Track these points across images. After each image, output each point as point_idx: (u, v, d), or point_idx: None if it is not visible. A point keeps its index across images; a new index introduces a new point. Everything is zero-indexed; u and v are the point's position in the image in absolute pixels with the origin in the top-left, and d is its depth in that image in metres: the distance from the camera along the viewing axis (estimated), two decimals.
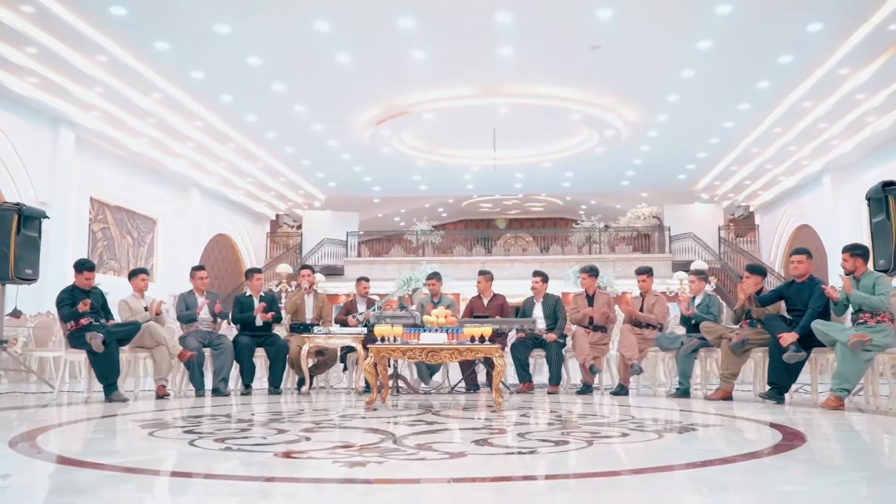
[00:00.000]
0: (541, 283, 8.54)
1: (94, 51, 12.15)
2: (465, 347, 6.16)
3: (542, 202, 29.24)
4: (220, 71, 13.38)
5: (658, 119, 16.26)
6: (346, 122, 16.41)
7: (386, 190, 23.98)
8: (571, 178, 22.16)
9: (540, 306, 8.49)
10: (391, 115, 15.85)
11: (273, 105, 15.18)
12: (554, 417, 5.50)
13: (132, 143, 16.11)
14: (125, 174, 16.99)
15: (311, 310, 8.51)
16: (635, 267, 8.91)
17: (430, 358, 6.15)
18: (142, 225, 18.03)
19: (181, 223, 19.49)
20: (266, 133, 17.19)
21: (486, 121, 16.30)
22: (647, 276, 8.17)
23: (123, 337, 7.10)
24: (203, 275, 8.19)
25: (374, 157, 19.26)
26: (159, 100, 14.41)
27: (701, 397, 7.21)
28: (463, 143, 18.70)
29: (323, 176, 21.74)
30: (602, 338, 8.18)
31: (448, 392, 8.12)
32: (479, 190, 24.54)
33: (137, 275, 7.83)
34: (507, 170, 20.69)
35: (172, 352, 7.40)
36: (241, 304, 8.28)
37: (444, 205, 29.18)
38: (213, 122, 15.98)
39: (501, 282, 8.65)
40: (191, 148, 17.38)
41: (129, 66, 12.80)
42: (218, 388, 7.61)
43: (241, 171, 19.93)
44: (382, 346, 6.23)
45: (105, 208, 16.46)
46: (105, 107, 14.17)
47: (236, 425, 4.95)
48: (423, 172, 21.21)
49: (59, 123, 14.16)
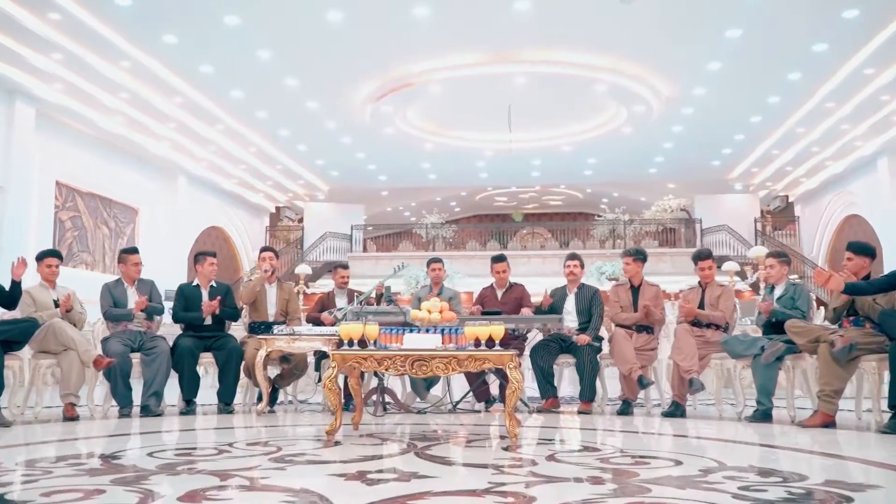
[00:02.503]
0: (578, 268, 6.70)
1: (44, 7, 10.45)
2: (465, 354, 4.33)
3: (561, 195, 27.34)
4: (194, 35, 11.63)
5: (694, 93, 14.34)
6: (343, 97, 14.63)
7: (393, 179, 22.21)
8: (594, 165, 20.25)
9: (573, 299, 6.65)
10: (393, 89, 14.03)
11: (260, 77, 13.41)
12: (596, 461, 3.66)
13: (104, 121, 14.39)
14: (99, 157, 15.27)
15: (274, 303, 6.69)
16: (662, 263, 6.98)
17: (416, 369, 4.32)
18: (120, 214, 16.32)
19: (167, 213, 17.76)
20: (256, 112, 15.44)
21: (500, 94, 14.43)
22: (710, 261, 6.31)
23: (13, 338, 5.33)
24: (137, 260, 6.41)
25: (377, 141, 17.46)
26: (128, 69, 12.66)
27: (788, 422, 5.34)
28: (475, 122, 16.81)
29: (323, 164, 19.98)
30: (648, 341, 6.32)
31: (450, 411, 6.30)
32: (494, 179, 22.68)
33: (44, 258, 6.07)
34: (524, 155, 18.81)
35: (84, 358, 5.63)
36: (186, 296, 6.49)
37: (457, 198, 27.36)
38: (193, 98, 14.23)
39: (518, 279, 6.99)
40: (173, 129, 15.64)
41: (88, 27, 11.06)
42: (147, 406, 5.83)
43: (233, 157, 18.19)
44: (349, 352, 4.41)
45: (75, 194, 14.76)
46: (67, 77, 12.44)
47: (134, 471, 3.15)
48: (431, 158, 19.37)
49: (14, 96, 12.45)
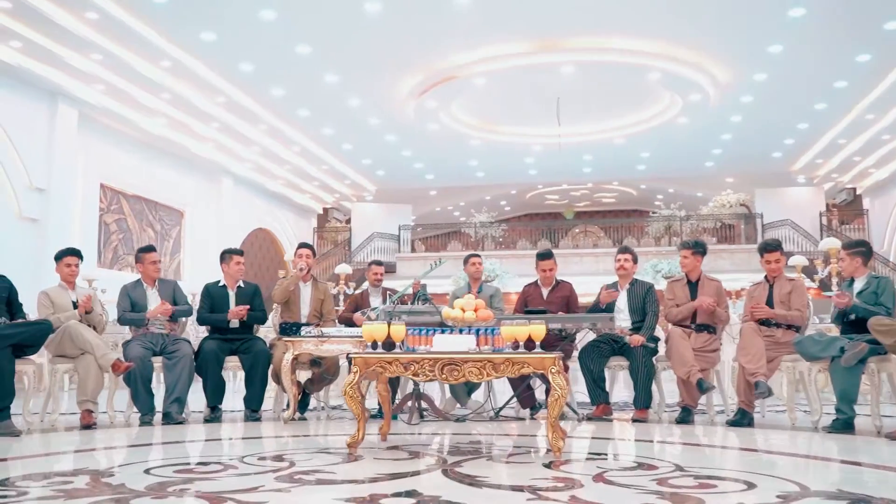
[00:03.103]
0: (631, 262, 6.15)
1: (81, 6, 10.32)
2: (501, 358, 3.85)
3: (614, 192, 26.53)
4: (231, 31, 11.38)
5: (754, 79, 13.54)
6: (385, 93, 14.25)
7: (440, 179, 21.79)
8: (647, 159, 19.50)
9: (625, 296, 6.10)
10: (435, 83, 13.59)
11: (300, 74, 13.12)
12: (652, 482, 3.13)
13: (147, 122, 14.29)
14: (143, 159, 15.19)
15: (308, 303, 6.30)
16: (721, 260, 6.35)
17: (447, 374, 3.86)
18: (166, 217, 16.25)
19: (212, 215, 17.64)
20: (298, 111, 15.18)
21: (547, 85, 13.87)
22: (777, 253, 5.69)
23: (25, 342, 5.03)
24: (154, 258, 6.08)
25: (422, 138, 17.06)
26: (169, 69, 12.49)
27: (873, 433, 4.71)
28: (522, 116, 16.25)
29: (369, 163, 19.67)
30: (709, 341, 5.73)
31: (492, 418, 5.82)
32: (544, 176, 22.06)
33: (63, 257, 5.79)
34: (574, 150, 18.19)
35: (102, 362, 5.32)
36: (212, 296, 6.14)
37: (507, 197, 26.78)
38: (235, 97, 14.02)
39: (570, 279, 6.47)
40: (216, 129, 15.49)
41: (126, 26, 10.90)
42: (169, 413, 5.49)
43: (278, 158, 17.99)
44: (372, 355, 3.97)
45: (120, 197, 14.70)
46: (107, 77, 12.33)
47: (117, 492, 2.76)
48: (478, 155, 18.89)
49: (56, 98, 12.39)
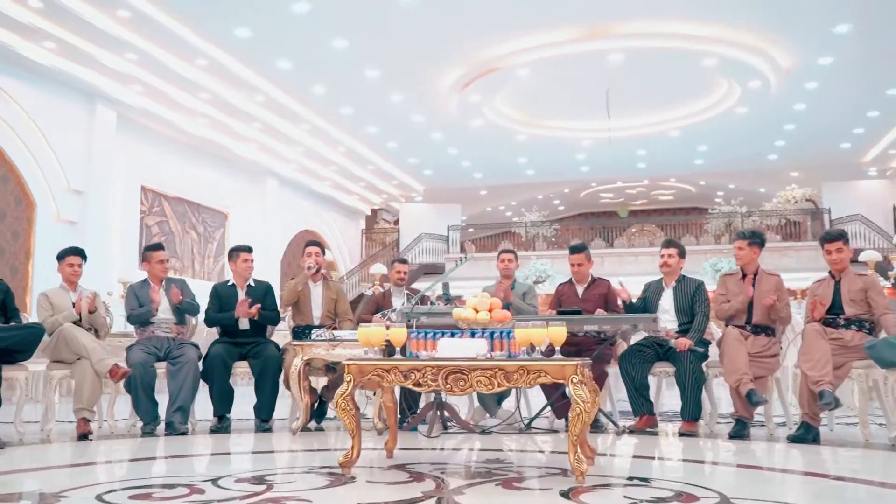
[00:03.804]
0: (675, 257, 5.52)
1: (113, 4, 10.14)
2: (515, 365, 3.30)
3: (672, 189, 25.54)
4: (265, 26, 11.07)
5: (819, 63, 12.63)
6: (427, 87, 13.79)
7: (489, 177, 21.25)
8: (705, 152, 18.60)
9: (670, 294, 5.48)
10: (477, 75, 13.08)
11: (339, 70, 12.76)
12: None
13: (187, 123, 14.15)
14: (185, 161, 15.07)
15: (320, 305, 5.84)
16: (787, 258, 5.65)
17: (452, 384, 3.34)
18: (209, 219, 16.11)
19: (257, 217, 17.45)
20: (340, 109, 14.86)
21: (595, 75, 13.21)
22: (840, 243, 4.99)
23: (14, 347, 4.69)
24: (161, 257, 5.70)
25: (467, 134, 16.56)
26: (205, 67, 12.29)
27: None
28: (569, 109, 15.57)
29: (416, 162, 19.27)
30: (767, 345, 5.07)
31: (522, 431, 5.26)
32: (596, 173, 21.29)
33: (65, 257, 5.45)
34: (627, 144, 17.42)
35: (98, 368, 4.96)
36: (220, 296, 5.74)
37: (560, 196, 26.05)
38: (275, 96, 13.77)
39: (625, 279, 5.88)
40: (258, 129, 15.28)
41: (158, 23, 10.70)
42: (172, 423, 5.10)
43: (322, 158, 17.73)
44: (368, 361, 3.48)
45: (162, 199, 14.59)
46: (144, 78, 12.18)
47: None
48: (526, 152, 18.28)
49: (94, 100, 12.29)
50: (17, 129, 11.06)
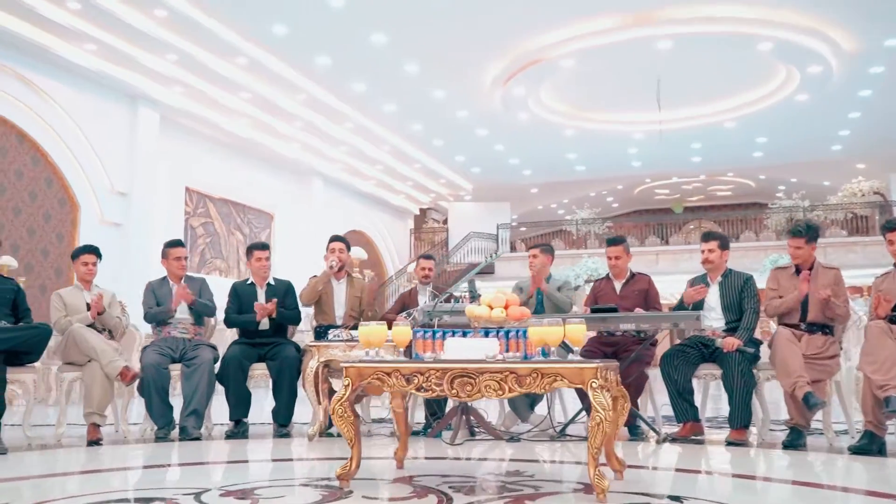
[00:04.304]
0: (717, 250, 5.07)
1: (149, 3, 10.09)
2: (527, 368, 2.95)
3: (730, 184, 24.63)
4: (302, 22, 10.89)
5: (885, 45, 11.86)
6: (469, 82, 13.45)
7: (539, 174, 20.77)
8: (764, 144, 17.79)
9: (716, 290, 5.02)
10: (521, 67, 12.67)
11: (379, 65, 12.51)
12: None
13: (230, 124, 14.09)
14: (229, 162, 15.03)
15: (343, 303, 5.56)
16: (853, 254, 5.15)
17: (458, 389, 3.00)
18: (255, 220, 16.07)
19: (303, 218, 17.33)
20: (383, 106, 14.64)
21: (643, 64, 12.65)
22: None
23: (19, 348, 4.53)
24: (179, 254, 5.51)
25: (513, 130, 16.15)
26: (245, 66, 12.18)
27: None
28: (618, 101, 14.99)
29: (463, 160, 18.94)
30: (825, 345, 4.59)
31: (554, 438, 4.88)
32: (649, 167, 20.62)
33: (79, 256, 5.29)
34: (680, 137, 16.76)
35: (108, 370, 4.77)
36: (240, 296, 5.51)
37: (614, 193, 25.38)
38: (315, 94, 13.61)
39: (682, 277, 5.45)
40: (301, 129, 15.16)
41: (195, 22, 10.63)
42: (185, 427, 4.88)
43: (368, 157, 17.53)
44: (367, 364, 3.16)
45: (206, 200, 14.58)
46: (185, 78, 12.13)
47: None
48: (575, 147, 17.77)
49: (136, 102, 12.31)
50: (60, 132, 11.10)
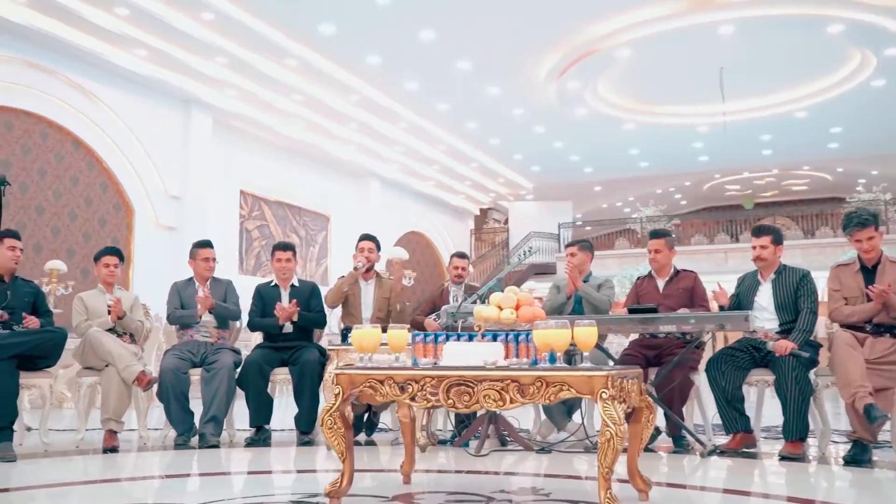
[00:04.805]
0: (770, 246, 4.60)
1: (196, 7, 10.10)
2: (531, 376, 2.62)
3: (805, 178, 23.47)
4: (349, 20, 10.74)
5: None
6: (523, 77, 13.08)
7: (601, 172, 20.22)
8: (840, 135, 16.83)
9: (768, 289, 4.57)
10: (576, 59, 12.24)
11: (429, 63, 12.28)
12: None
13: (283, 126, 14.09)
14: (284, 164, 15.05)
15: (371, 304, 5.32)
16: None
17: (454, 398, 2.70)
18: (311, 222, 16.06)
19: (360, 220, 17.20)
20: (436, 105, 14.42)
21: (705, 52, 12.02)
22: None
23: (33, 353, 4.44)
24: (208, 254, 5.34)
25: (570, 126, 15.71)
26: (295, 68, 12.13)
27: None
28: (679, 92, 14.33)
29: (521, 158, 18.58)
30: (893, 348, 4.10)
31: (588, 449, 4.52)
32: (717, 162, 19.80)
33: (101, 257, 5.18)
34: (748, 129, 15.96)
35: (125, 375, 4.64)
36: (263, 298, 5.33)
37: (681, 189, 24.55)
38: (368, 94, 13.48)
39: None
40: (355, 130, 15.07)
41: (243, 24, 10.59)
42: (204, 434, 4.71)
43: (424, 157, 17.35)
44: (359, 371, 2.89)
45: (262, 203, 14.62)
46: (236, 81, 12.15)
47: None
48: (637, 142, 17.18)
49: (189, 106, 12.39)
50: (114, 138, 11.25)
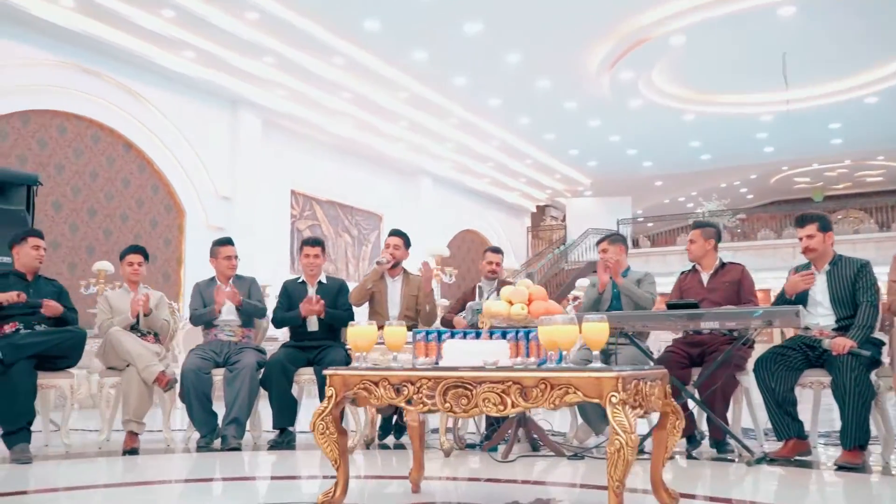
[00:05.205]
0: (818, 234, 4.21)
1: (239, 6, 10.10)
2: (534, 378, 2.36)
3: (881, 169, 22.30)
4: (395, 15, 10.59)
5: None
6: (574, 69, 12.71)
7: (661, 166, 19.63)
8: None
9: (823, 281, 4.18)
10: (628, 48, 11.81)
11: (478, 57, 12.03)
12: None
13: (333, 125, 14.03)
14: (335, 164, 14.99)
15: (397, 303, 5.11)
16: None
17: (452, 402, 2.46)
18: (363, 221, 15.98)
19: (413, 218, 17.03)
20: (487, 100, 14.16)
21: (765, 35, 11.42)
22: None
23: (51, 353, 4.37)
24: (230, 252, 5.21)
25: (626, 119, 15.24)
26: (342, 66, 12.05)
27: None
28: (739, 80, 13.63)
29: (577, 154, 18.16)
30: None
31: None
32: (783, 154, 18.97)
33: (125, 256, 5.10)
34: (815, 117, 15.20)
35: (145, 375, 4.54)
36: (290, 294, 5.17)
37: (747, 183, 23.63)
38: (417, 91, 13.32)
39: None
40: (405, 127, 14.93)
41: (287, 22, 10.55)
42: (225, 436, 4.58)
43: (477, 154, 17.11)
44: (353, 372, 2.67)
45: (313, 203, 14.60)
46: (284, 81, 12.14)
47: None
48: (698, 134, 16.57)
49: (238, 106, 12.43)
50: (164, 140, 11.35)
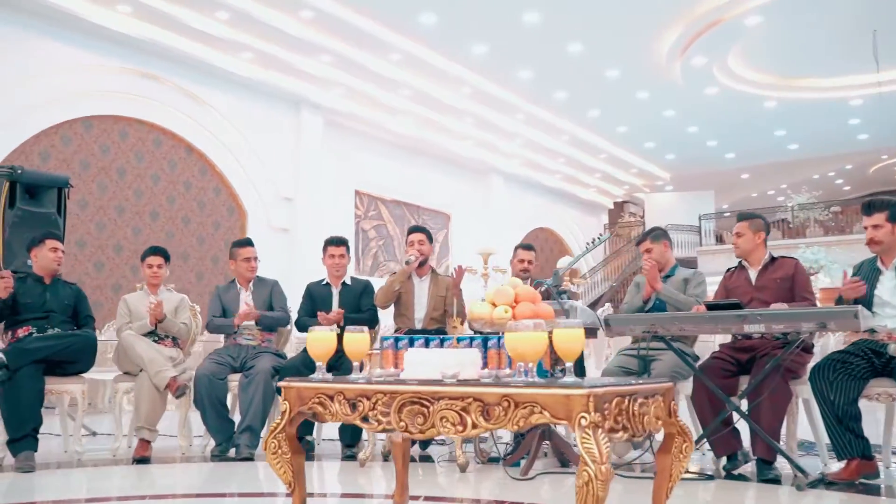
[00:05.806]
0: (886, 224, 3.64)
1: (294, 6, 10.01)
2: (496, 394, 1.99)
3: None
4: (451, 9, 10.30)
5: None
6: (642, 57, 12.11)
7: (744, 157, 18.64)
8: None
9: (892, 278, 3.63)
10: (699, 32, 11.14)
11: (539, 48, 11.61)
12: None
13: (395, 123, 13.84)
14: (399, 162, 14.80)
15: (424, 304, 4.78)
16: None
17: (407, 420, 2.13)
18: (430, 220, 15.73)
19: (482, 217, 16.75)
20: (553, 93, 13.71)
21: (851, 12, 10.55)
22: None
23: (59, 357, 4.26)
24: (248, 254, 5.01)
25: (703, 107, 14.48)
26: (400, 62, 11.84)
27: None
28: (825, 61, 12.64)
29: (653, 146, 17.44)
30: None
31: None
32: (881, 142, 17.66)
33: (146, 258, 4.97)
34: None
35: (157, 381, 4.38)
36: (313, 296, 4.93)
37: (842, 173, 22.26)
38: (480, 86, 13.00)
39: None
40: (471, 124, 14.62)
41: (343, 20, 10.41)
42: (238, 445, 4.37)
43: (547, 150, 16.63)
44: (307, 384, 2.38)
45: (378, 202, 14.46)
46: (343, 80, 12.02)
47: None
48: (782, 122, 15.59)
49: (299, 107, 12.39)
50: (225, 142, 11.38)
